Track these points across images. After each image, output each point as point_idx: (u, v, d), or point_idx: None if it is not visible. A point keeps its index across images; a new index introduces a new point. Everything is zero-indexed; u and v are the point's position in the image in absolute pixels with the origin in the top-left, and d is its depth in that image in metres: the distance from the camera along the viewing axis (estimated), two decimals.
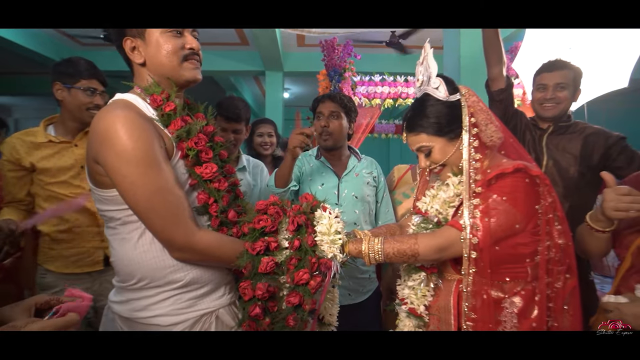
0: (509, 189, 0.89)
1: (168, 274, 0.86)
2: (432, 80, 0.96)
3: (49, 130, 1.45)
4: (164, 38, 0.88)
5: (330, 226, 0.93)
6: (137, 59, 0.89)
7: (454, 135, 0.96)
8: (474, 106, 0.94)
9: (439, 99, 0.96)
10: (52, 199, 1.39)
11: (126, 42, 0.88)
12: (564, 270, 0.90)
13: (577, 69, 1.56)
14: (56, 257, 1.41)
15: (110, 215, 0.86)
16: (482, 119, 0.94)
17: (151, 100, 0.88)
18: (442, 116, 0.95)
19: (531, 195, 0.90)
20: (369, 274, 1.63)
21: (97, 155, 0.80)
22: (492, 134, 0.94)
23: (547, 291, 0.89)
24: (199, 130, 0.92)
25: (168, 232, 0.82)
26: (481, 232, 0.87)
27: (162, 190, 0.81)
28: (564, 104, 1.55)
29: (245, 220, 0.93)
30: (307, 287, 0.90)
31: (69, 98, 1.40)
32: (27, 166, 1.37)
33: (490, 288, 0.90)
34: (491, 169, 0.92)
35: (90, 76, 1.41)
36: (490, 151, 0.97)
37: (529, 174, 0.90)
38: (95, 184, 0.85)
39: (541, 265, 0.89)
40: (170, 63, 0.89)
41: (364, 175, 1.63)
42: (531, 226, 0.90)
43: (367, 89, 3.60)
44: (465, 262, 0.88)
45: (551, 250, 0.89)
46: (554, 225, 0.90)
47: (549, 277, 0.89)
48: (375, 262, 0.94)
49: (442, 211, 1.00)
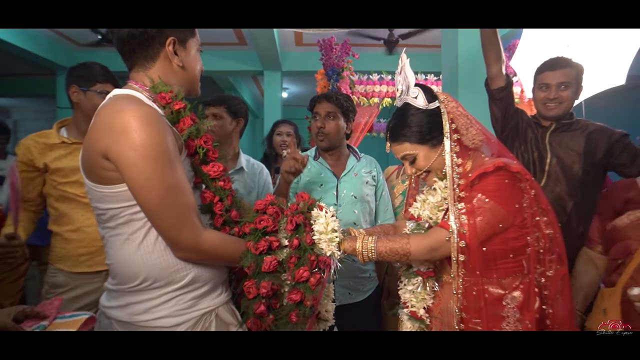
0: (491, 187, 0.92)
1: (171, 273, 0.86)
2: (411, 90, 1.00)
3: (61, 132, 1.49)
4: (198, 54, 0.98)
5: (327, 225, 0.95)
6: (178, 61, 0.92)
7: (436, 141, 0.99)
8: (453, 112, 0.97)
9: (419, 108, 0.99)
10: (64, 199, 1.42)
11: (170, 42, 0.89)
12: (555, 259, 0.94)
13: (579, 66, 1.56)
14: (67, 257, 1.43)
15: (112, 213, 0.83)
16: (462, 123, 0.97)
17: (159, 97, 0.88)
18: (424, 124, 0.98)
19: (514, 191, 0.93)
20: (369, 273, 1.64)
21: (108, 149, 0.77)
22: (473, 137, 0.97)
23: (542, 280, 0.93)
24: (206, 129, 0.94)
25: (176, 231, 0.82)
26: (468, 234, 0.90)
27: (175, 189, 0.81)
28: (567, 103, 1.55)
29: (246, 220, 0.95)
30: (308, 284, 0.92)
31: (84, 100, 1.44)
32: (40, 167, 1.41)
33: (489, 285, 0.93)
34: (472, 170, 0.94)
35: (105, 80, 1.45)
36: (473, 152, 1.00)
37: (509, 171, 0.93)
38: (97, 181, 0.82)
39: (532, 255, 0.93)
40: (197, 75, 0.98)
41: (363, 174, 1.63)
42: (519, 221, 0.93)
43: (365, 88, 3.62)
44: (454, 265, 0.92)
45: (540, 241, 0.93)
46: (539, 216, 0.94)
47: (542, 267, 0.94)
48: (368, 259, 0.97)
49: (432, 216, 1.03)
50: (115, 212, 0.83)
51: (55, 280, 1.45)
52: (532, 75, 2.28)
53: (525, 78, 2.46)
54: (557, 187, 1.53)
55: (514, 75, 2.71)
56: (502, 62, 1.59)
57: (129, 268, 0.85)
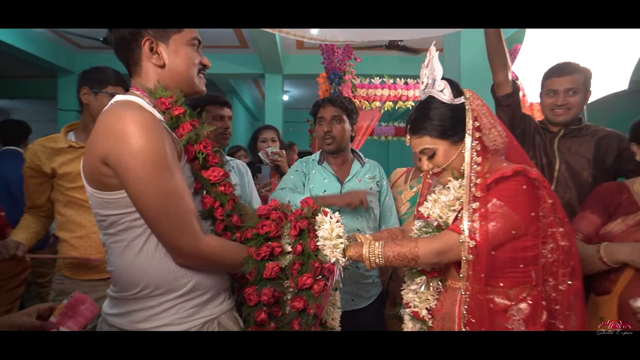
0: (508, 193, 0.89)
1: (172, 280, 0.85)
2: (437, 82, 0.97)
3: (69, 136, 1.49)
4: (189, 49, 0.91)
5: (332, 230, 0.94)
6: (157, 61, 0.89)
7: (457, 138, 0.97)
8: (478, 110, 0.95)
9: (444, 102, 0.96)
10: (71, 204, 1.41)
11: (145, 42, 0.88)
12: (568, 273, 0.90)
13: (587, 71, 1.54)
14: (74, 264, 1.42)
15: (112, 220, 0.83)
16: (485, 122, 0.94)
17: (159, 103, 0.88)
18: (446, 119, 0.96)
19: (531, 199, 0.90)
20: (372, 279, 1.62)
21: (107, 155, 0.77)
22: (495, 138, 0.95)
23: (552, 294, 0.90)
24: (205, 134, 0.93)
25: (176, 237, 0.81)
26: (479, 236, 0.87)
27: (174, 194, 0.80)
28: (575, 109, 1.53)
29: (248, 225, 0.93)
30: (311, 292, 0.90)
31: (94, 102, 1.43)
32: (48, 172, 1.40)
33: (495, 295, 0.90)
34: (490, 173, 0.92)
35: (117, 83, 1.46)
36: (492, 155, 0.98)
37: (528, 177, 0.90)
38: (97, 187, 0.82)
39: (545, 268, 0.90)
40: (190, 73, 0.92)
41: (367, 180, 1.62)
42: (533, 229, 0.90)
43: (367, 92, 3.61)
44: (464, 266, 0.89)
45: (554, 252, 0.90)
46: (556, 227, 0.90)
47: (554, 280, 0.90)
48: (375, 265, 0.95)
49: (442, 215, 1.00)
50: (115, 219, 0.83)
51: (62, 288, 1.44)
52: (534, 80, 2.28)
53: (528, 82, 2.45)
54: (566, 194, 1.51)
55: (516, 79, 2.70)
56: (508, 68, 1.58)
57: (129, 275, 0.85)
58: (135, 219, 0.82)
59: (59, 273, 1.46)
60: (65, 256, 1.41)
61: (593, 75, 1.57)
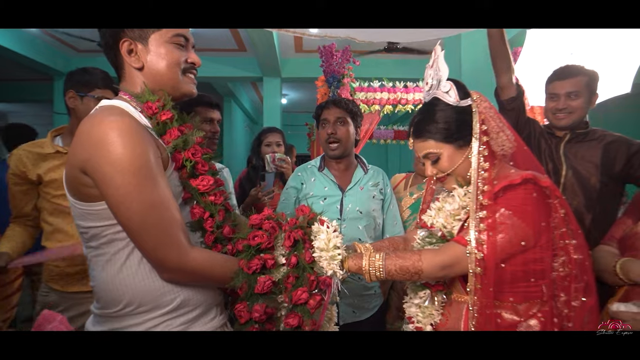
0: (517, 202, 0.84)
1: (158, 296, 0.80)
2: (442, 83, 0.92)
3: (56, 141, 1.42)
4: (169, 48, 0.85)
5: (329, 241, 0.88)
6: (135, 63, 0.85)
7: (463, 142, 0.91)
8: (485, 112, 0.90)
9: (449, 104, 0.91)
10: (58, 212, 1.35)
11: (123, 44, 0.84)
12: (581, 288, 0.84)
13: (592, 73, 1.50)
14: (60, 275, 1.36)
15: (93, 232, 0.78)
16: (493, 126, 0.89)
17: (145, 107, 0.83)
18: (452, 122, 0.90)
19: (541, 208, 0.85)
20: (374, 290, 1.56)
21: (86, 164, 0.73)
22: (503, 142, 0.89)
23: (564, 310, 0.84)
24: (194, 141, 0.88)
25: (160, 251, 0.76)
26: (487, 248, 0.82)
27: (157, 205, 0.75)
28: (578, 113, 1.49)
29: (239, 236, 0.88)
30: (307, 307, 0.84)
31: (81, 106, 1.36)
32: (34, 179, 1.34)
33: (503, 310, 0.85)
34: (498, 180, 0.87)
35: (105, 86, 1.38)
36: (499, 161, 0.93)
37: (538, 185, 0.85)
38: (78, 197, 0.78)
39: (556, 282, 0.84)
40: (172, 74, 0.86)
41: (370, 188, 1.55)
42: (543, 241, 0.85)
43: (366, 95, 3.58)
44: (471, 279, 0.83)
45: (567, 266, 0.84)
46: (568, 239, 0.85)
47: (566, 295, 0.84)
48: (376, 279, 0.89)
49: (446, 225, 0.95)
50: (97, 231, 0.78)
51: (47, 300, 1.37)
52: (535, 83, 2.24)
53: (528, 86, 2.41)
54: (574, 201, 1.46)
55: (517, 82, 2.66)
56: (512, 71, 1.53)
57: (111, 291, 0.79)
58: (117, 232, 0.77)
59: (44, 285, 1.39)
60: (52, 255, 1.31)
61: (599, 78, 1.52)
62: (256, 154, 2.21)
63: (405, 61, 5.40)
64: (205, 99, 1.50)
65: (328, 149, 1.53)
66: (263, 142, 2.19)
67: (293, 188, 1.58)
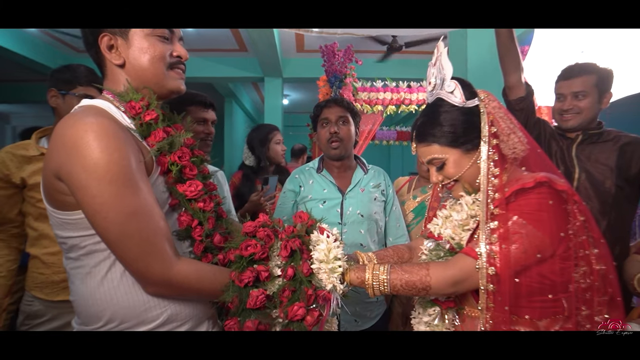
0: (531, 208, 0.76)
1: (142, 312, 0.73)
2: (447, 83, 0.84)
3: (41, 142, 1.36)
4: (150, 41, 0.78)
5: (329, 251, 0.81)
6: (115, 59, 0.78)
7: (470, 146, 0.84)
8: (494, 113, 0.82)
9: (454, 105, 0.84)
10: (43, 217, 1.28)
11: (103, 39, 0.78)
12: (605, 302, 0.77)
13: (603, 71, 1.42)
14: (45, 283, 1.29)
15: (72, 243, 0.73)
16: (503, 127, 0.81)
17: (128, 107, 0.77)
18: (458, 124, 0.83)
19: (558, 214, 0.77)
20: (377, 298, 1.48)
21: (60, 169, 0.68)
22: (514, 145, 0.81)
23: (587, 325, 0.76)
24: (182, 143, 0.81)
25: (143, 263, 0.69)
26: (500, 262, 0.74)
27: (138, 214, 0.69)
28: (585, 113, 1.41)
29: (231, 245, 0.81)
30: (303, 324, 0.77)
31: (63, 105, 1.30)
32: (18, 182, 1.27)
33: (521, 327, 0.77)
34: (509, 184, 0.80)
35: (87, 83, 1.31)
36: (510, 165, 0.85)
37: (554, 189, 0.77)
38: (54, 205, 0.72)
39: (576, 295, 0.76)
40: (155, 69, 0.79)
41: (371, 189, 1.48)
42: (561, 250, 0.77)
43: (368, 95, 3.51)
44: (483, 296, 0.76)
45: (588, 277, 0.76)
46: (589, 248, 0.77)
47: (588, 309, 0.76)
48: (380, 293, 0.82)
49: (454, 236, 0.87)
50: (76, 242, 0.72)
51: (31, 310, 1.30)
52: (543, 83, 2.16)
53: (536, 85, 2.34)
54: (587, 206, 1.39)
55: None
56: (521, 70, 1.46)
57: (91, 306, 0.73)
58: (97, 242, 0.71)
59: (28, 293, 1.32)
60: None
61: (613, 74, 1.44)
62: (263, 154, 2.07)
63: (409, 60, 5.33)
64: (199, 98, 1.43)
65: (329, 148, 1.47)
66: (272, 140, 2.08)
67: (291, 191, 1.51)
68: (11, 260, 1.32)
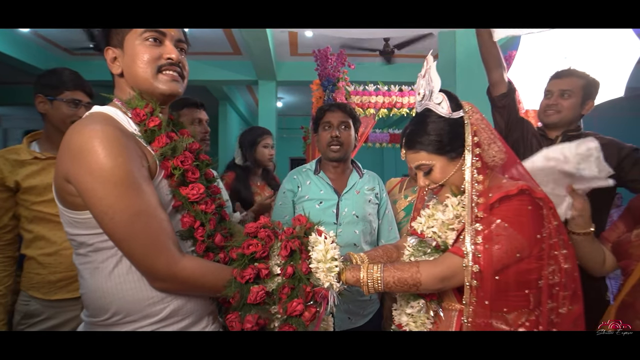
0: (513, 213, 0.84)
1: (146, 306, 0.78)
2: (435, 95, 0.91)
3: (32, 146, 1.36)
4: (141, 47, 0.81)
5: (326, 252, 0.86)
6: (115, 69, 0.83)
7: (455, 154, 0.91)
8: (477, 124, 0.89)
9: (441, 115, 0.90)
10: (38, 220, 1.30)
11: (107, 52, 0.83)
12: (569, 296, 0.85)
13: (591, 79, 1.50)
14: (42, 283, 1.30)
15: (81, 240, 0.77)
16: (485, 137, 0.89)
17: (133, 114, 0.82)
18: (444, 134, 0.90)
19: (536, 219, 0.85)
20: (370, 296, 1.54)
21: (68, 173, 0.72)
22: (495, 153, 0.89)
23: (552, 316, 0.84)
24: (185, 147, 0.86)
25: (149, 260, 0.74)
26: (483, 260, 0.81)
27: (143, 214, 0.73)
28: (566, 112, 1.49)
29: (233, 244, 0.86)
30: (301, 319, 0.82)
31: (51, 111, 1.31)
32: (12, 186, 1.28)
33: (495, 320, 0.84)
34: (492, 191, 0.87)
35: (74, 87, 1.32)
36: (491, 171, 0.93)
37: (533, 196, 0.85)
38: (65, 205, 0.77)
39: (544, 290, 0.84)
40: (144, 74, 0.81)
41: (366, 192, 1.54)
42: (536, 251, 0.85)
43: (361, 99, 3.58)
44: (467, 292, 0.83)
45: (556, 274, 0.84)
46: (559, 249, 0.85)
47: (553, 302, 0.84)
48: (374, 291, 0.88)
49: (440, 234, 0.94)
50: (85, 239, 0.77)
51: (28, 310, 1.31)
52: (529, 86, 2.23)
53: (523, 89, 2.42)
54: None
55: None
56: (502, 68, 1.55)
57: (99, 299, 0.78)
58: (104, 240, 0.76)
59: (24, 293, 1.32)
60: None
61: (599, 86, 1.52)
62: (251, 155, 2.14)
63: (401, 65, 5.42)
64: (190, 101, 1.50)
65: (329, 151, 1.52)
66: (260, 143, 2.14)
67: (290, 191, 1.57)
68: (7, 275, 1.31)
